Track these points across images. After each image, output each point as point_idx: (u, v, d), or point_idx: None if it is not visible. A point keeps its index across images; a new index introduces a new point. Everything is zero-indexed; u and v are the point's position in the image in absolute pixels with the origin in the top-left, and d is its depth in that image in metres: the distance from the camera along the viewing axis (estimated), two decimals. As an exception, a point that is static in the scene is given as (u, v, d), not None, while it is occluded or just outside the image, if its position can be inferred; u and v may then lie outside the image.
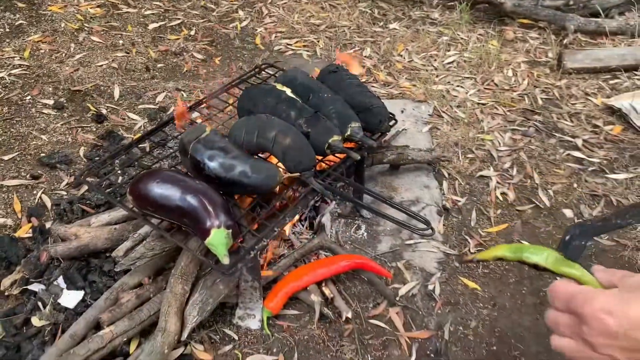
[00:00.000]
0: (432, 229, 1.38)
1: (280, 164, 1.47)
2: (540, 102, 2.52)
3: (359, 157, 1.54)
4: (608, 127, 2.34)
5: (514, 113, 2.44)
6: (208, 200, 1.33)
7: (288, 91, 1.64)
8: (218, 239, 1.28)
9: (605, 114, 2.43)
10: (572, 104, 2.51)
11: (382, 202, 1.52)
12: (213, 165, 1.38)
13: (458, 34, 3.04)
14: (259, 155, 1.55)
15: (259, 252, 1.44)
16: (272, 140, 1.46)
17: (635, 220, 0.79)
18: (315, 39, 2.98)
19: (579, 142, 2.25)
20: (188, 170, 1.47)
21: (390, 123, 1.80)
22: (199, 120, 1.95)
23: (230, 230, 1.30)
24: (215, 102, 1.87)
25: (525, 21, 3.18)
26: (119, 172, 1.87)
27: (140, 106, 2.34)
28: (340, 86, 1.74)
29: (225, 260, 1.27)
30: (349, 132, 1.57)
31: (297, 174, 1.45)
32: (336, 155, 1.59)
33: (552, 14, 3.09)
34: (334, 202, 1.80)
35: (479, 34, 3.06)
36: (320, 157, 1.58)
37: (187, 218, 1.34)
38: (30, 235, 1.70)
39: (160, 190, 1.35)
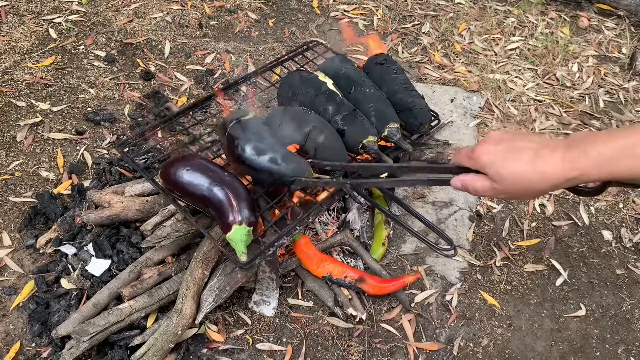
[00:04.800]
0: (454, 249, 1.36)
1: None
2: (601, 104, 2.37)
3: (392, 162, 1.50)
4: (671, 143, 2.18)
5: (571, 115, 2.30)
6: (234, 194, 1.34)
7: (329, 83, 1.60)
8: (238, 235, 1.30)
9: (671, 127, 2.26)
10: (636, 111, 2.35)
11: (409, 212, 1.50)
12: (246, 146, 1.38)
13: (527, 17, 2.85)
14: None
15: (277, 249, 1.46)
16: (306, 135, 1.44)
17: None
18: (374, 6, 2.86)
19: (636, 156, 2.12)
20: (222, 148, 1.48)
21: (432, 123, 1.75)
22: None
23: (252, 228, 1.32)
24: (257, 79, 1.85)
25: (604, 6, 2.95)
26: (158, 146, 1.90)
27: (188, 66, 2.34)
28: (384, 80, 1.69)
29: (243, 258, 1.29)
30: (385, 133, 1.54)
31: (326, 177, 1.44)
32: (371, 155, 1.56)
33: (635, 3, 2.84)
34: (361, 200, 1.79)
35: (550, 18, 2.86)
36: (353, 155, 1.56)
37: (212, 209, 1.36)
38: (69, 192, 1.77)
39: (189, 178, 1.37)
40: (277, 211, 1.50)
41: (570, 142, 0.72)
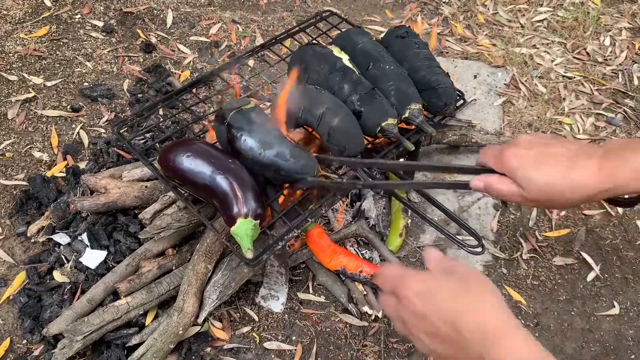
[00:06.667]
0: (482, 246, 1.23)
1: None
2: (636, 82, 2.19)
3: (413, 148, 1.36)
4: None
5: (603, 93, 2.14)
6: (239, 184, 1.21)
7: (345, 58, 1.45)
8: (243, 229, 1.17)
9: None
10: (674, 89, 2.18)
11: (429, 201, 1.37)
12: (250, 139, 1.24)
13: (556, -16, 2.65)
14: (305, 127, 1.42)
15: (287, 243, 1.34)
16: (318, 118, 1.31)
17: None
18: (391, -27, 2.66)
19: (673, 139, 1.96)
20: (219, 140, 1.34)
21: (457, 104, 1.60)
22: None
23: (258, 221, 1.20)
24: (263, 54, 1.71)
25: (639, -26, 2.73)
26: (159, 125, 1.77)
27: (192, 37, 2.18)
28: (405, 55, 1.53)
29: (249, 255, 1.17)
30: (406, 114, 1.39)
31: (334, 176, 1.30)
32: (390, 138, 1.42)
33: (674, -29, 2.63)
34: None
35: (581, -13, 2.66)
36: (370, 139, 1.43)
37: (214, 199, 1.23)
38: (64, 175, 1.65)
39: (190, 165, 1.24)
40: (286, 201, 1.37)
41: (608, 150, 0.68)
